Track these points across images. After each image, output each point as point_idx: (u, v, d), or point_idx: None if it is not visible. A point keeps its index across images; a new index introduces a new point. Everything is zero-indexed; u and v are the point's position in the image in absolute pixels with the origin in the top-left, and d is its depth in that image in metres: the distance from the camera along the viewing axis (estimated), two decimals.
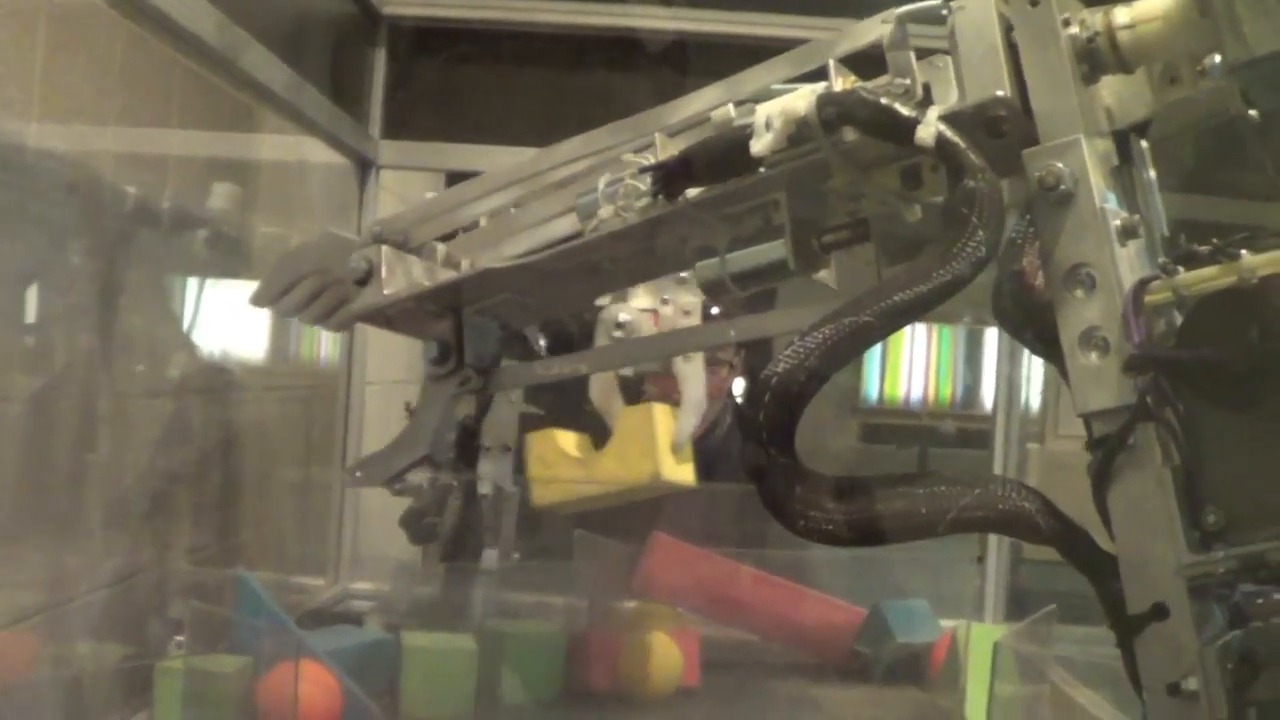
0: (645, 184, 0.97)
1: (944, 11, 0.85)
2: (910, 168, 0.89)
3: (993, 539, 2.30)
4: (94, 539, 1.53)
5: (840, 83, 0.90)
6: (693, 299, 1.59)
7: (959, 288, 0.78)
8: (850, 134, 0.85)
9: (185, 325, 1.77)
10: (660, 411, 1.76)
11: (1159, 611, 0.78)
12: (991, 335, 3.52)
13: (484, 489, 1.53)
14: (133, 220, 1.57)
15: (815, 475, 0.81)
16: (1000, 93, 0.81)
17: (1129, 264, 0.80)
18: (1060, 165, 0.80)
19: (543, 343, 1.95)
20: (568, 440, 1.90)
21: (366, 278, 1.08)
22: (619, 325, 1.54)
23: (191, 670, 1.58)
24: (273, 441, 2.14)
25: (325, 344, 2.41)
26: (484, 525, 1.87)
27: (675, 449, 1.75)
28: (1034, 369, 2.59)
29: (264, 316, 2.06)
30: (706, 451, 2.07)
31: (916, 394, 4.65)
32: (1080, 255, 0.80)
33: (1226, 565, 0.75)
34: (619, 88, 2.35)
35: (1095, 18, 0.83)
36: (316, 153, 2.22)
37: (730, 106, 0.97)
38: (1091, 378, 0.80)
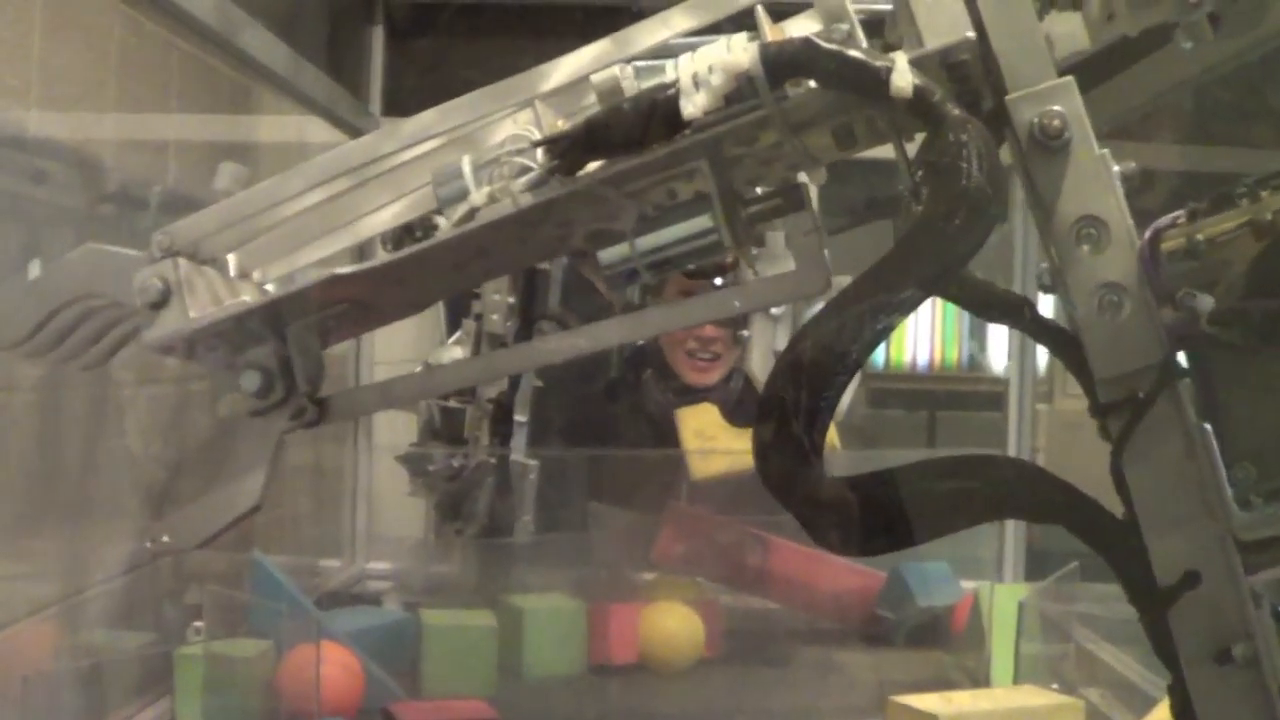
0: (534, 160, 0.82)
1: None
2: (843, 125, 0.79)
3: None
4: (108, 528, 1.52)
5: (770, 33, 0.79)
6: None
7: (975, 243, 0.71)
8: (792, 89, 0.76)
9: None
10: None
11: (1191, 579, 0.73)
12: None
13: (516, 463, 1.50)
14: (133, 205, 1.56)
15: (831, 482, 0.74)
16: (969, 34, 0.74)
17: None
18: (1058, 109, 0.73)
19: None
20: (718, 414, 1.89)
21: (163, 299, 0.89)
22: None
23: (211, 655, 1.57)
24: None
25: None
26: (516, 499, 1.86)
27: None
28: None
29: None
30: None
31: (923, 358, 4.63)
32: (1085, 207, 0.73)
33: None
34: None
35: None
36: (317, 132, 2.20)
37: (616, 68, 0.82)
38: (1111, 339, 0.73)
